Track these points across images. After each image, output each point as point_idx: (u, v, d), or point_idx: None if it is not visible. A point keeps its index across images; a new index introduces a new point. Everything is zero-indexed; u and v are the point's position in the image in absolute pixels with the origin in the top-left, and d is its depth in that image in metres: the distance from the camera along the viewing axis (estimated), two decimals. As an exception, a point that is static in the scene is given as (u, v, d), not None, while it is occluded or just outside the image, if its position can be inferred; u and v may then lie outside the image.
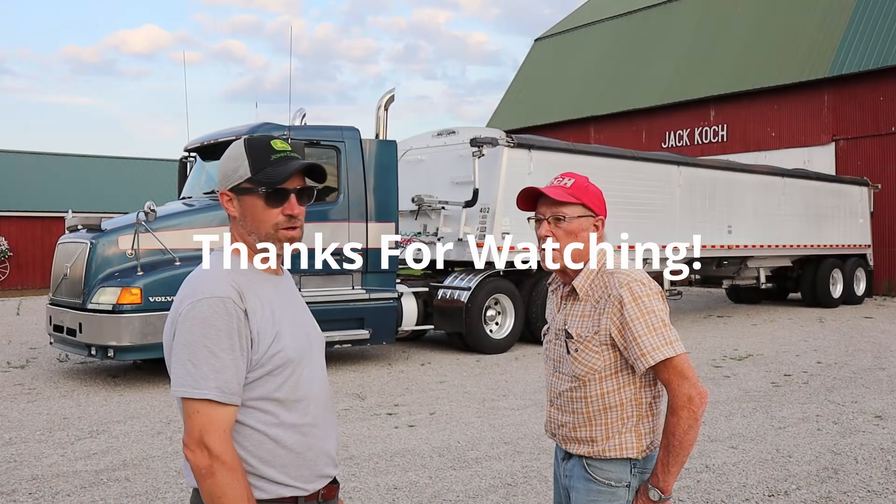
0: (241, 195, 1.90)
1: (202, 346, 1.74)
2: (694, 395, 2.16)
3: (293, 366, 1.87)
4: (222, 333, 1.75)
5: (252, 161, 1.89)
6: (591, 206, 2.31)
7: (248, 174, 1.88)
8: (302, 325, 1.98)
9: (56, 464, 5.66)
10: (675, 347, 2.17)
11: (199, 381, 1.73)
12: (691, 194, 14.19)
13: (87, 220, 9.01)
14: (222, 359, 1.75)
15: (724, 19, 24.72)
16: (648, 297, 2.20)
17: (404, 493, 4.96)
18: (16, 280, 26.92)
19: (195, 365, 1.74)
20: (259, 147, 1.91)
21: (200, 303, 1.77)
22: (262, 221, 1.89)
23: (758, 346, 11.38)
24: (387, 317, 10.02)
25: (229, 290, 1.80)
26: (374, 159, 9.98)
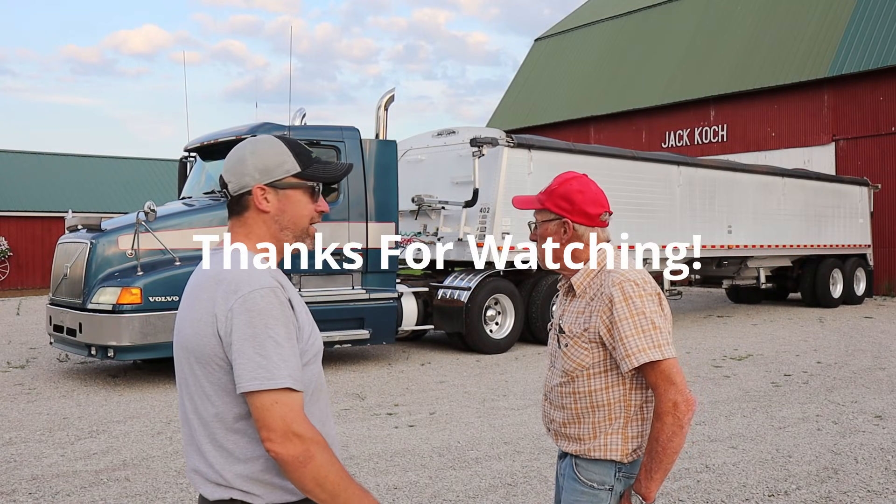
0: (284, 189, 1.90)
1: (267, 337, 1.72)
2: (680, 402, 2.12)
3: (319, 356, 1.91)
4: (280, 322, 1.74)
5: (297, 157, 1.91)
6: (553, 208, 2.34)
7: (296, 169, 1.90)
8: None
9: (56, 464, 5.66)
10: (663, 351, 2.14)
11: (274, 372, 1.70)
12: (691, 194, 14.19)
13: (87, 220, 9.01)
14: (286, 347, 1.74)
15: (724, 19, 24.72)
16: (640, 298, 2.18)
17: (404, 493, 4.96)
18: (16, 280, 26.93)
19: (264, 356, 1.70)
20: (298, 145, 1.95)
21: (252, 294, 1.74)
22: (302, 216, 1.93)
23: (758, 346, 11.38)
24: (387, 317, 10.02)
25: (273, 280, 1.80)
26: (374, 159, 9.98)
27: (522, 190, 11.25)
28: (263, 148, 1.91)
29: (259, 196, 1.89)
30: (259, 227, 1.91)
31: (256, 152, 1.90)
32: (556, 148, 12.06)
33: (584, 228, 2.33)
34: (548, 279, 11.52)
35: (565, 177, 2.39)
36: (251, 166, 1.88)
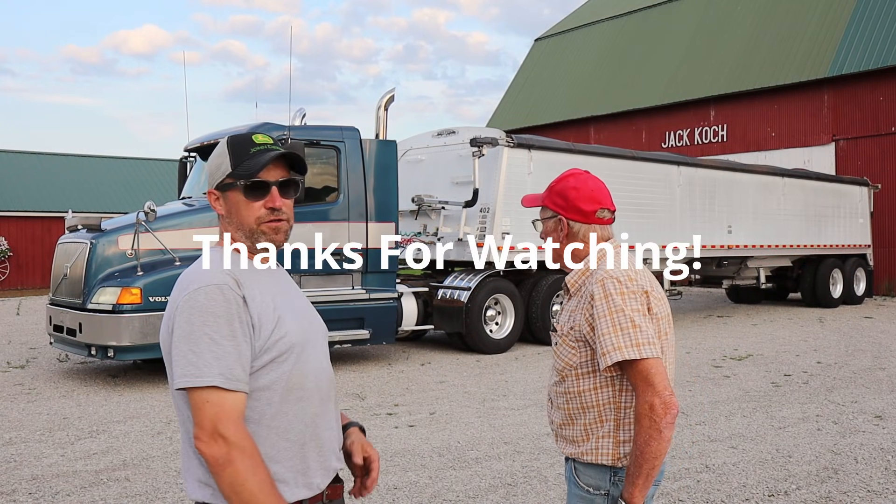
0: (226, 192, 1.90)
1: (202, 335, 1.70)
2: (656, 404, 2.03)
3: (297, 352, 1.84)
4: (221, 320, 1.72)
5: (232, 156, 1.89)
6: (550, 205, 2.32)
7: (229, 169, 1.88)
8: (304, 312, 1.97)
9: (56, 464, 5.66)
10: (641, 350, 2.06)
11: (203, 369, 1.68)
12: (691, 194, 14.20)
13: (87, 220, 9.01)
14: (223, 345, 1.70)
15: (724, 19, 24.72)
16: (621, 296, 2.12)
17: (404, 493, 4.96)
18: (16, 280, 26.92)
19: (196, 354, 1.69)
20: (240, 142, 1.91)
21: (197, 292, 1.74)
22: (245, 216, 1.88)
23: (758, 346, 11.38)
24: (387, 317, 10.02)
25: (225, 277, 1.78)
26: (374, 159, 9.98)
27: (522, 190, 11.25)
28: (214, 152, 1.95)
29: (213, 201, 1.94)
30: (224, 228, 1.94)
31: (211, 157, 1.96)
32: (556, 148, 12.06)
33: (580, 225, 2.29)
34: (548, 279, 11.52)
35: (565, 173, 2.37)
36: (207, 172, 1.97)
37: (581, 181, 2.31)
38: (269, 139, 1.94)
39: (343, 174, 9.65)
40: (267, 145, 1.91)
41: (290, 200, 1.94)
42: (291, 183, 1.93)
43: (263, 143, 1.91)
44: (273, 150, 1.90)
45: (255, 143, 1.90)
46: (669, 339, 2.25)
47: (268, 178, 1.88)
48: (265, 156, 1.87)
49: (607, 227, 2.33)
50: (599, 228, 2.31)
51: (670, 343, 2.26)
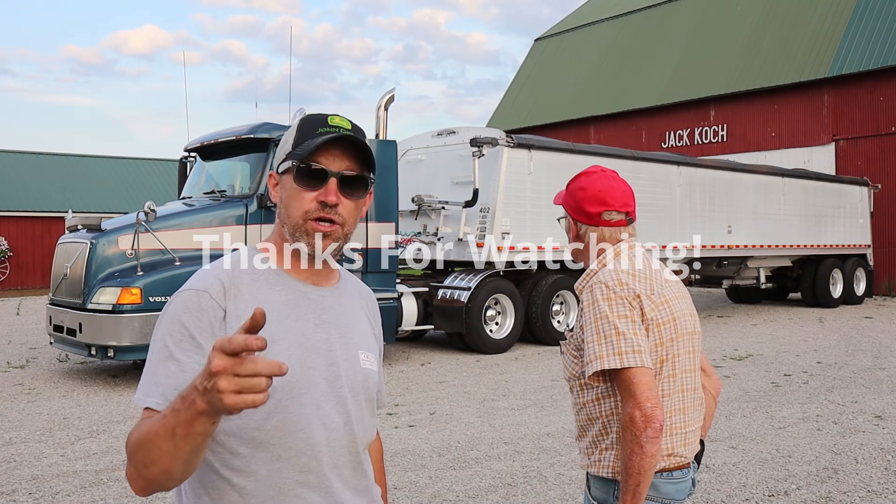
0: (283, 175, 1.57)
1: (163, 346, 1.41)
2: (637, 417, 1.92)
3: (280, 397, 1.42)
4: (185, 333, 1.41)
5: (298, 134, 1.56)
6: (564, 205, 2.27)
7: (289, 148, 1.57)
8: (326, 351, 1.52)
9: (56, 464, 5.66)
10: (623, 359, 1.95)
11: (151, 387, 1.39)
12: (691, 194, 14.20)
13: (87, 220, 9.01)
14: (182, 362, 1.38)
15: (724, 19, 24.72)
16: (607, 301, 2.02)
17: (404, 493, 4.96)
18: (16, 280, 26.92)
19: (152, 365, 1.42)
20: (312, 120, 1.57)
21: (178, 295, 1.47)
22: (293, 207, 1.53)
23: (758, 346, 11.37)
24: (387, 317, 10.01)
25: (213, 283, 1.46)
26: (374, 159, 9.97)
27: (523, 190, 11.26)
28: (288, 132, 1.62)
29: (271, 186, 1.61)
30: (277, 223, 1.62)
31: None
32: (556, 148, 12.06)
33: (585, 227, 2.22)
34: (548, 279, 11.52)
35: (583, 171, 2.29)
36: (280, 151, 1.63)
37: (591, 181, 2.22)
38: (348, 123, 1.57)
39: (343, 174, 9.63)
40: (341, 129, 1.55)
41: (351, 202, 1.54)
42: (360, 181, 1.55)
43: (339, 125, 1.56)
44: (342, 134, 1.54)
45: (328, 124, 1.55)
46: (682, 344, 2.11)
47: (329, 166, 1.52)
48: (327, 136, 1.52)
49: (618, 229, 2.21)
50: (608, 230, 2.20)
51: (686, 348, 2.12)
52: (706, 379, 2.29)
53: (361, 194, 1.57)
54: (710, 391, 2.28)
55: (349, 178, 1.53)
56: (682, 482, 2.10)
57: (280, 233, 1.57)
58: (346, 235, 1.55)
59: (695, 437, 2.15)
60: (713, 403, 2.29)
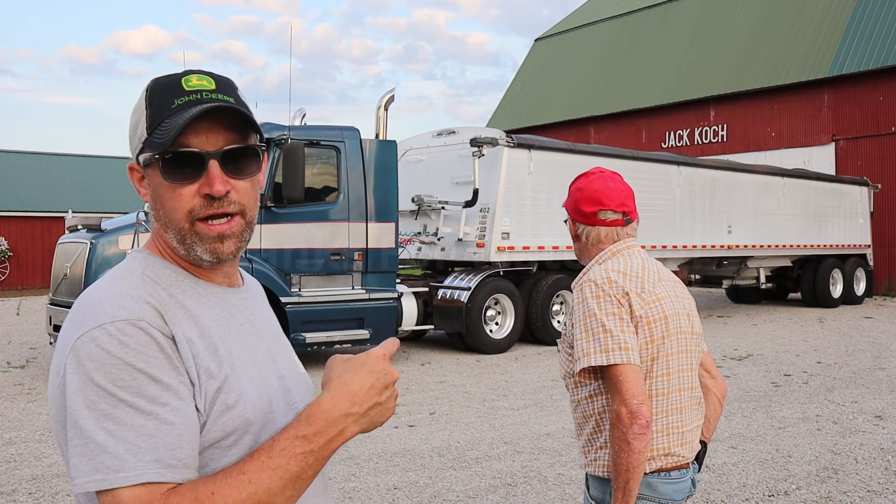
0: (148, 168, 1.20)
1: (116, 402, 1.04)
2: (623, 413, 1.93)
3: (255, 433, 1.16)
4: (143, 375, 1.06)
5: (151, 112, 1.18)
6: (566, 207, 2.31)
7: (145, 134, 1.18)
8: (272, 363, 1.26)
9: (56, 464, 5.66)
10: (610, 356, 1.97)
11: (124, 458, 1.03)
12: (691, 194, 14.20)
13: (87, 220, 9.02)
14: (155, 414, 1.05)
15: (724, 19, 24.73)
16: (595, 299, 2.04)
17: (404, 493, 4.96)
18: (16, 280, 26.92)
19: (110, 434, 1.03)
20: (162, 90, 1.19)
21: (97, 333, 1.07)
22: (171, 209, 1.18)
23: (758, 346, 11.37)
24: (387, 317, 10.02)
25: (141, 308, 1.11)
26: (374, 159, 9.98)
27: (522, 190, 11.26)
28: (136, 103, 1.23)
29: (135, 181, 1.25)
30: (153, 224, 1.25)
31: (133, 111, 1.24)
32: (556, 148, 12.07)
33: (583, 227, 2.24)
34: (548, 279, 11.52)
35: (583, 173, 2.31)
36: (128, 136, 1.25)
37: (588, 182, 2.24)
38: (210, 82, 1.20)
39: (343, 174, 9.65)
40: (202, 92, 1.18)
41: (244, 182, 1.20)
42: (247, 153, 1.20)
43: (198, 88, 1.18)
44: (209, 101, 1.17)
45: (184, 91, 1.18)
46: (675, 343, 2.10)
47: (202, 146, 1.16)
48: (191, 110, 1.14)
49: (614, 229, 2.22)
50: (605, 230, 2.21)
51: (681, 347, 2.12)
52: (711, 381, 2.29)
53: (254, 169, 1.22)
54: (715, 393, 2.28)
55: (233, 154, 1.18)
56: (680, 482, 2.09)
57: (164, 238, 1.22)
58: (249, 224, 1.22)
59: (693, 436, 2.14)
60: (719, 406, 2.29)
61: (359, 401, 1.09)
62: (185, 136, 1.15)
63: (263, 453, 1.06)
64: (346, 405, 1.08)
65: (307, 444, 1.06)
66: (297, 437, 1.07)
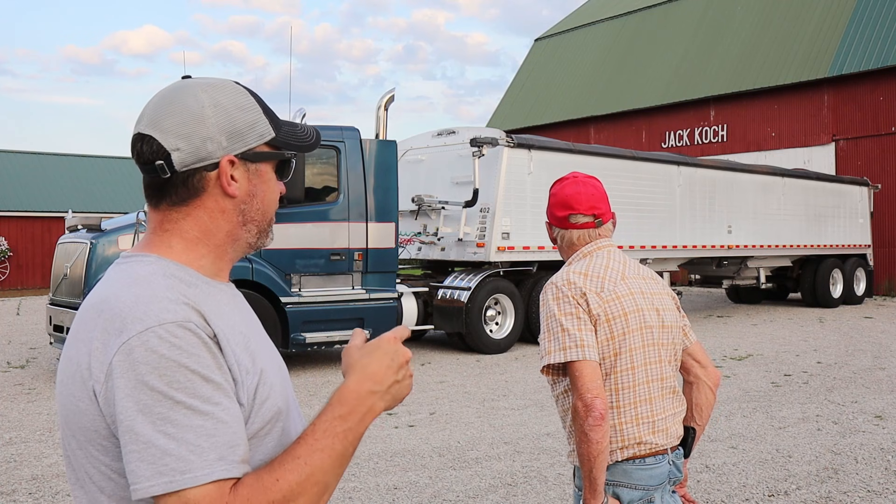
0: (256, 163, 1.27)
1: (172, 405, 1.06)
2: (579, 407, 2.05)
3: (283, 421, 1.24)
4: (196, 376, 1.09)
5: (269, 116, 1.29)
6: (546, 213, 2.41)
7: (271, 133, 1.27)
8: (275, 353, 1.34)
9: (56, 464, 5.66)
10: (567, 353, 2.09)
11: (189, 459, 1.06)
12: (691, 194, 14.20)
13: (87, 220, 9.02)
14: (212, 414, 1.09)
15: (724, 19, 24.73)
16: (555, 301, 2.16)
17: (404, 493, 4.96)
18: (16, 280, 26.92)
19: (171, 437, 1.06)
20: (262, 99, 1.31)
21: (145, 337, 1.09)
22: (269, 203, 1.30)
23: (758, 346, 11.38)
24: (387, 317, 10.02)
25: (184, 309, 1.14)
26: (374, 159, 9.98)
27: (523, 190, 11.26)
28: (229, 99, 1.25)
29: (227, 173, 1.24)
30: (212, 222, 1.25)
31: (220, 105, 1.23)
32: (556, 148, 12.07)
33: (557, 230, 2.35)
34: (548, 279, 11.51)
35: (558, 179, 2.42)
36: (214, 126, 1.22)
37: (561, 187, 2.33)
38: None
39: (343, 174, 9.65)
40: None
41: None
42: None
43: None
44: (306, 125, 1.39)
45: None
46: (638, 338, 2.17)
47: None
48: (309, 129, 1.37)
49: (586, 232, 2.30)
50: (577, 233, 2.30)
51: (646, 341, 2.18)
52: (702, 370, 2.37)
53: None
54: (706, 382, 2.37)
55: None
56: (655, 468, 2.18)
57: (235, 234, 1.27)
58: None
59: (668, 424, 2.21)
60: (711, 395, 2.37)
61: (379, 380, 1.19)
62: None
63: (309, 437, 1.15)
64: (370, 384, 1.19)
65: (345, 422, 1.16)
66: (335, 417, 1.16)
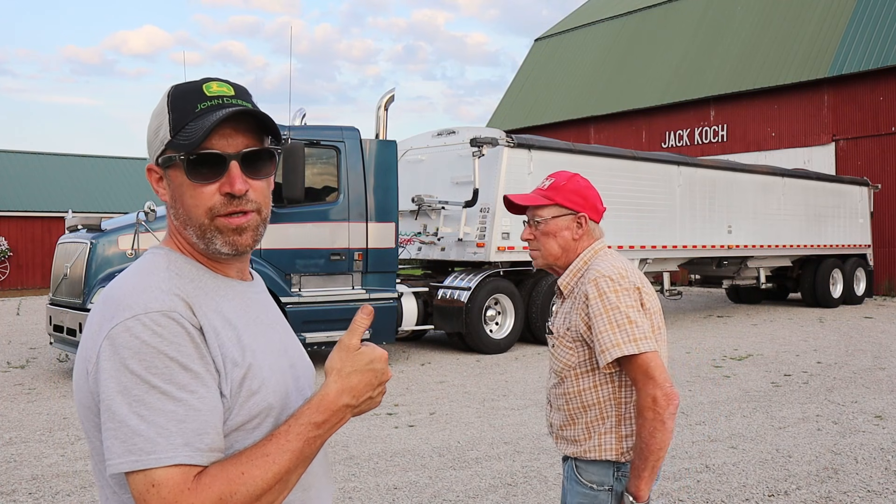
0: (168, 169, 1.29)
1: (149, 388, 1.12)
2: (659, 396, 2.07)
3: (275, 417, 1.26)
4: (174, 363, 1.15)
5: (173, 116, 1.27)
6: (566, 204, 2.34)
7: (167, 136, 1.27)
8: (284, 352, 1.37)
9: (56, 464, 5.66)
10: (639, 345, 2.10)
11: (156, 441, 1.11)
12: (691, 194, 14.19)
13: (87, 220, 9.02)
14: (185, 400, 1.14)
15: (724, 19, 24.73)
16: (615, 293, 2.16)
17: (404, 493, 4.96)
18: (16, 280, 26.92)
19: (143, 418, 1.11)
20: (184, 94, 1.28)
21: (130, 323, 1.16)
22: (191, 207, 1.27)
23: (758, 346, 11.37)
24: (387, 317, 10.02)
25: (172, 300, 1.20)
26: (374, 159, 9.98)
27: (523, 190, 11.25)
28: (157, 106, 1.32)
29: (153, 181, 1.33)
30: (170, 223, 1.34)
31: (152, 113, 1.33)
32: (556, 148, 12.07)
33: (593, 224, 2.37)
34: (548, 279, 11.52)
35: (567, 174, 2.41)
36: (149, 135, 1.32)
37: (585, 181, 2.40)
38: (229, 88, 1.30)
39: (343, 174, 9.65)
40: (223, 98, 1.28)
41: (261, 182, 1.31)
42: (263, 155, 1.30)
43: (218, 94, 1.28)
44: (230, 106, 1.26)
45: (206, 96, 1.27)
46: (662, 334, 2.29)
47: (224, 148, 1.25)
48: (216, 114, 1.24)
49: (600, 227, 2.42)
50: (599, 229, 2.39)
51: (663, 338, 2.30)
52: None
53: (270, 170, 1.32)
54: None
55: (251, 156, 1.28)
56: None
57: (183, 235, 1.31)
58: (264, 220, 1.32)
59: None
60: None
61: (357, 395, 1.23)
62: (208, 139, 1.25)
63: (282, 437, 1.19)
64: (348, 398, 1.22)
65: (318, 429, 1.20)
66: (310, 423, 1.20)
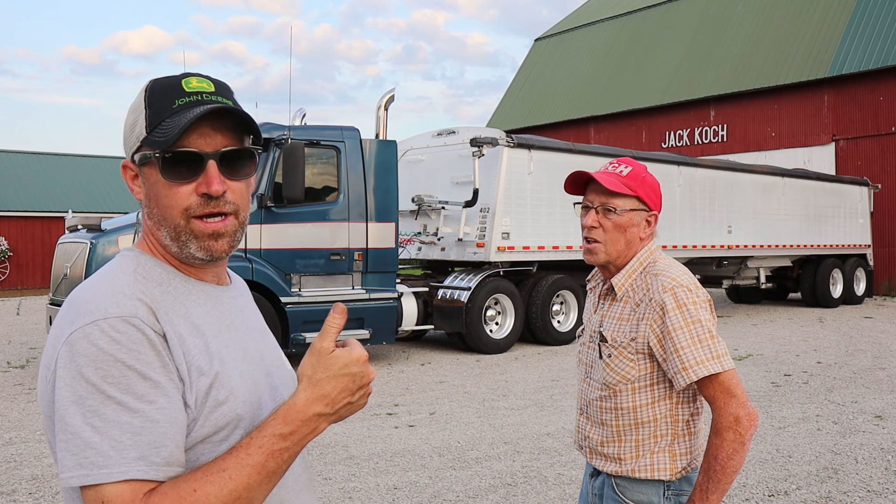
0: (143, 167, 1.23)
1: (104, 399, 1.06)
2: (742, 416, 1.93)
3: (245, 428, 1.19)
4: (133, 372, 1.08)
5: (150, 112, 1.21)
6: (646, 199, 2.15)
7: (143, 133, 1.21)
8: (260, 360, 1.30)
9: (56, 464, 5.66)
10: (722, 362, 1.94)
11: (108, 454, 1.05)
12: (691, 194, 14.19)
13: (87, 220, 9.02)
14: (142, 411, 1.07)
15: (724, 19, 24.73)
16: (695, 306, 1.98)
17: (404, 493, 4.96)
18: (16, 280, 26.92)
19: (97, 430, 1.05)
20: (163, 90, 1.22)
21: (88, 329, 1.09)
22: (166, 207, 1.21)
23: (758, 346, 11.37)
24: (387, 317, 10.02)
25: (134, 305, 1.14)
26: (374, 159, 9.98)
27: (523, 190, 11.25)
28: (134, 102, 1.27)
29: (128, 179, 1.27)
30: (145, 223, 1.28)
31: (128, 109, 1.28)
32: (556, 148, 12.06)
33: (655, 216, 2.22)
34: (548, 279, 11.52)
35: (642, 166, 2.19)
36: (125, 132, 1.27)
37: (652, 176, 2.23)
38: (210, 84, 1.24)
39: (343, 174, 9.65)
40: (202, 94, 1.22)
41: (239, 183, 1.24)
42: (242, 155, 1.24)
43: (198, 90, 1.22)
44: (209, 103, 1.20)
45: (185, 92, 1.21)
46: None
47: (201, 146, 1.20)
48: (193, 111, 1.18)
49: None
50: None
51: None
52: None
53: (249, 170, 1.25)
54: None
55: (230, 156, 1.22)
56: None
57: (156, 236, 1.25)
58: (241, 225, 1.25)
59: None
60: None
61: (331, 402, 1.13)
62: (185, 137, 1.19)
63: (242, 450, 1.10)
64: (320, 407, 1.12)
65: (284, 441, 1.11)
66: (274, 435, 1.10)
